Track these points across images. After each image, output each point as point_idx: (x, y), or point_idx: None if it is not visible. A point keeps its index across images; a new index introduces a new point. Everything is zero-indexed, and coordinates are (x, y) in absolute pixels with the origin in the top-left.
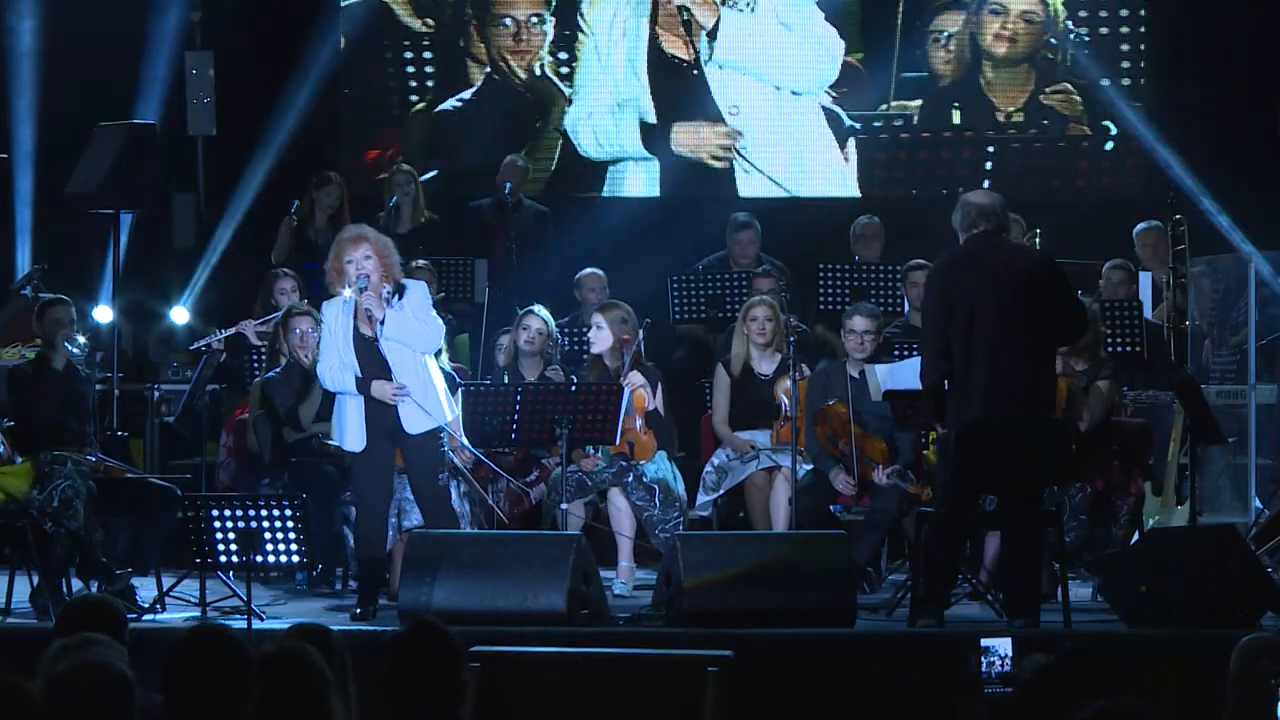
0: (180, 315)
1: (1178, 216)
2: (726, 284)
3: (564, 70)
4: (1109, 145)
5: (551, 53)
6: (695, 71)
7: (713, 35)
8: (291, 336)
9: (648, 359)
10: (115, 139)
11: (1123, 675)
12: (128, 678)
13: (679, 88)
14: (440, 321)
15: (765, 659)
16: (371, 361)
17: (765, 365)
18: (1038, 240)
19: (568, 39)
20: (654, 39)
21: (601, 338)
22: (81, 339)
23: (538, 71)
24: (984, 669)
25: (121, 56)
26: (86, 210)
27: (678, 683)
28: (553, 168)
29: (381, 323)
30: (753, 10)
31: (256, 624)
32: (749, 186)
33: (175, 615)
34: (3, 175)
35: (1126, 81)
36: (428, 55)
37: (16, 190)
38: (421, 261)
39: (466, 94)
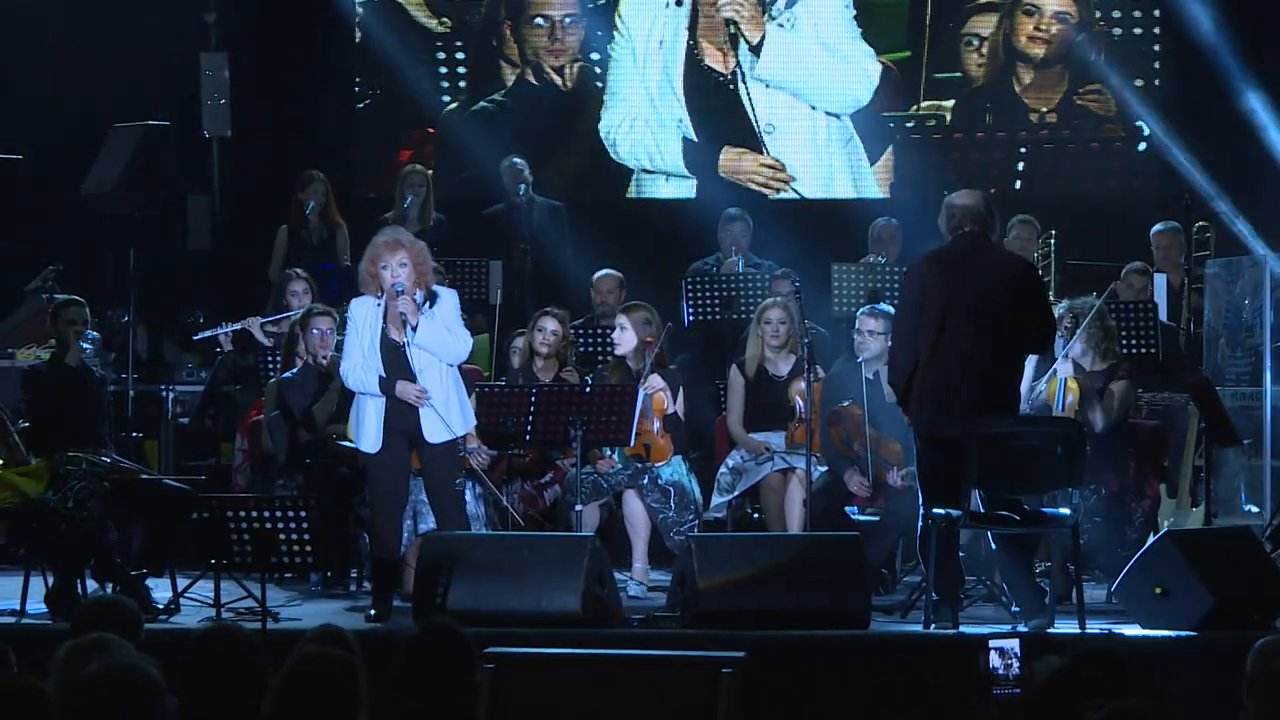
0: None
1: (1202, 223)
2: (741, 285)
3: (598, 70)
4: (1142, 146)
5: (584, 53)
6: (731, 86)
7: (756, 51)
8: (311, 337)
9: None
10: (130, 140)
11: (1137, 677)
12: (157, 681)
13: (714, 102)
14: (468, 333)
15: (779, 660)
16: (398, 366)
17: (780, 367)
18: (1052, 243)
19: (601, 39)
20: (692, 50)
21: (625, 339)
22: (93, 334)
23: (573, 71)
24: (993, 670)
25: (136, 58)
26: (101, 211)
27: (691, 684)
28: (582, 168)
29: (414, 329)
30: (793, 27)
31: (271, 625)
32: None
33: (190, 617)
34: (18, 176)
35: (1140, 82)
36: (460, 56)
37: (31, 191)
38: (434, 264)
39: (499, 95)
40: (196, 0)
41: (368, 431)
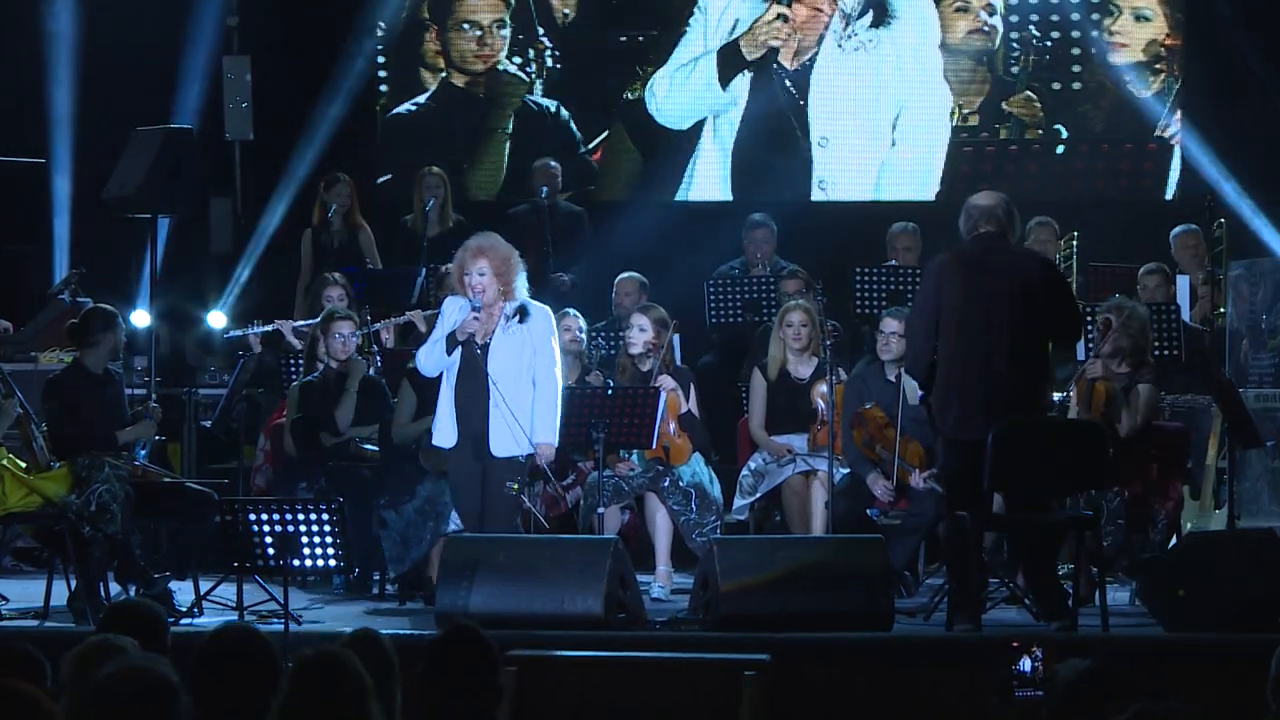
0: (217, 320)
1: (1220, 220)
2: (763, 288)
3: (524, 75)
4: (1060, 149)
5: (511, 58)
6: (794, 91)
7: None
8: (333, 341)
9: (682, 362)
10: (152, 143)
11: (1161, 680)
12: (173, 681)
13: (771, 101)
14: (556, 354)
15: (802, 663)
16: (472, 368)
17: (802, 369)
18: (1074, 244)
19: (524, 42)
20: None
21: (645, 340)
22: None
23: (499, 76)
24: (1021, 672)
25: (158, 61)
26: (124, 215)
27: (714, 687)
28: (503, 170)
29: (485, 347)
30: (869, 49)
31: (294, 628)
32: (821, 192)
33: (213, 619)
34: (41, 180)
35: (1058, 85)
36: (381, 60)
37: (54, 194)
38: (448, 267)
39: (421, 98)
40: (219, 4)
41: (441, 425)
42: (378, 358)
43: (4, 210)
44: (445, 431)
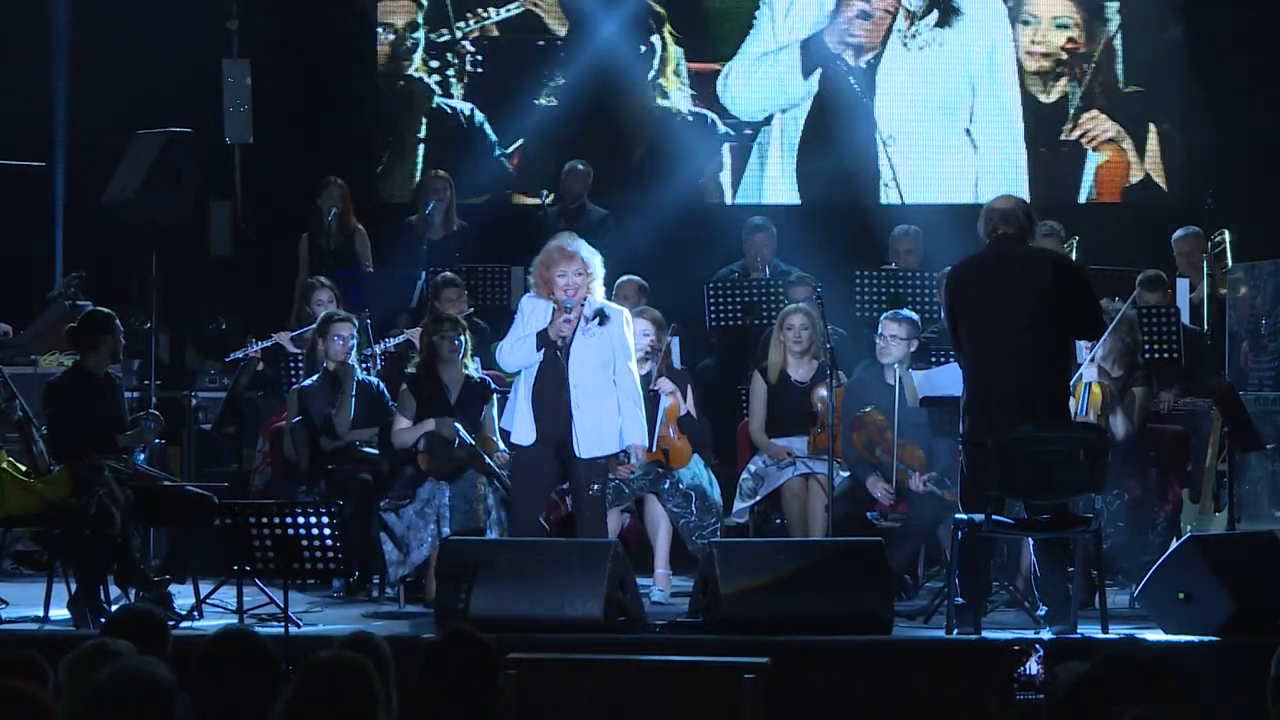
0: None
1: (1222, 230)
2: (763, 291)
3: (437, 77)
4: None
5: (425, 59)
6: (859, 88)
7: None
8: (333, 344)
9: (681, 364)
10: (152, 147)
11: (1160, 683)
12: (168, 681)
13: (839, 101)
14: (633, 352)
15: (802, 666)
16: (552, 369)
17: (802, 372)
18: (1074, 247)
19: (442, 45)
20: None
21: (647, 343)
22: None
23: (412, 75)
24: (1015, 675)
25: (158, 65)
26: (124, 218)
27: (714, 690)
28: (416, 174)
29: (565, 350)
30: (938, 46)
31: (293, 630)
32: (890, 194)
33: (213, 622)
34: (40, 184)
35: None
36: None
37: (54, 198)
38: (449, 274)
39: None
40: (219, 7)
41: (520, 424)
42: (379, 360)
43: (4, 214)
44: (523, 429)
